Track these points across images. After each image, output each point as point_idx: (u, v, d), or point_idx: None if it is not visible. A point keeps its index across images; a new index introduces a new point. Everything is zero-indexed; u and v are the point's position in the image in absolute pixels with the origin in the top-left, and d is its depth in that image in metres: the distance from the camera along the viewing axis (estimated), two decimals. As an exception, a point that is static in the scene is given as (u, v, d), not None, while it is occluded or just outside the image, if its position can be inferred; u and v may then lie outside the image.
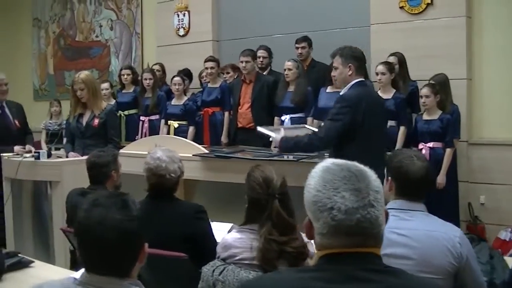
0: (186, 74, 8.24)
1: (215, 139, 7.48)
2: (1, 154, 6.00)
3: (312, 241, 2.82)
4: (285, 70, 6.80)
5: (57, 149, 7.36)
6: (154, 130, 7.95)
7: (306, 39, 7.39)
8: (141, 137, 7.75)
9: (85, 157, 5.48)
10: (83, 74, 5.89)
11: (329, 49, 7.24)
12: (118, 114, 7.55)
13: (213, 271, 2.79)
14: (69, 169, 5.42)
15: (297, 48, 7.37)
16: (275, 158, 5.57)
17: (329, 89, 6.56)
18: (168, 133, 7.66)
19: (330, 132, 4.45)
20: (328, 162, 1.79)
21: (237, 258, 2.80)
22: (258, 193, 2.82)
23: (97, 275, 1.86)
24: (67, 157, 5.85)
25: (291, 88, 6.77)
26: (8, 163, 5.78)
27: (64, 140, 7.34)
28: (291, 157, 5.44)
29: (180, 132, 7.55)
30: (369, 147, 4.26)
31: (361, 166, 1.78)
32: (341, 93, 4.65)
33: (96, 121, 5.79)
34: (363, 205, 1.66)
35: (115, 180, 4.19)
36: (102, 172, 4.14)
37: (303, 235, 2.85)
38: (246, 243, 2.80)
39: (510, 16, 6.79)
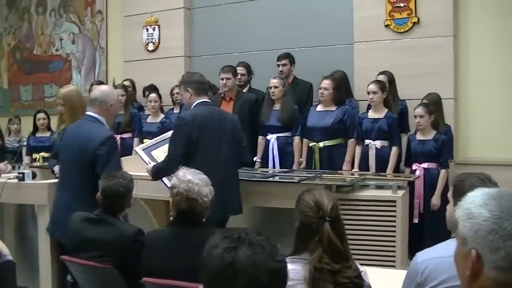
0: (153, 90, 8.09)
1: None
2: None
3: (364, 270, 2.78)
4: (270, 87, 6.70)
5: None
6: (127, 149, 7.74)
7: (287, 56, 7.32)
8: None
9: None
10: (65, 89, 5.62)
11: (312, 67, 7.35)
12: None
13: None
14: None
15: (279, 65, 7.30)
16: (274, 179, 5.48)
17: (319, 108, 6.56)
18: (144, 151, 7.48)
19: (173, 151, 4.91)
20: (492, 190, 1.71)
21: (291, 291, 2.67)
22: (309, 217, 2.72)
23: None
24: (52, 172, 5.56)
25: (277, 107, 6.68)
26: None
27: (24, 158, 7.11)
28: (295, 179, 5.35)
29: (157, 151, 7.36)
30: (210, 161, 4.67)
31: None
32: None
33: None
34: None
35: (128, 207, 4.04)
36: (119, 202, 3.94)
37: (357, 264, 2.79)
38: (300, 274, 2.68)
39: (496, 36, 6.92)
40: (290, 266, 2.72)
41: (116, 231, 3.78)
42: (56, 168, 5.51)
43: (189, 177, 3.44)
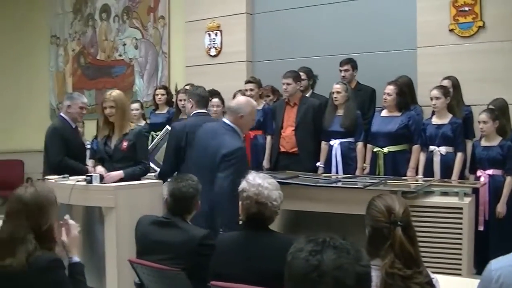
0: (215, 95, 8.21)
1: (256, 163, 7.44)
2: (47, 177, 5.98)
3: (435, 277, 2.82)
4: (333, 93, 6.79)
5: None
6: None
7: (350, 61, 7.39)
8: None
9: (139, 182, 5.55)
10: (115, 92, 5.79)
11: (375, 72, 7.37)
12: (150, 135, 7.55)
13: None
14: (124, 194, 5.34)
15: (341, 70, 7.37)
16: (337, 185, 5.52)
17: (383, 113, 6.61)
18: (207, 156, 7.64)
19: (165, 157, 5.87)
20: None
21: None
22: (380, 222, 2.76)
23: None
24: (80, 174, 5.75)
25: (340, 112, 6.75)
26: (58, 188, 5.65)
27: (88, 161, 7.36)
28: (359, 184, 5.40)
29: (221, 155, 7.50)
30: (197, 166, 4.99)
31: None
32: None
33: (125, 144, 5.66)
34: None
35: (197, 209, 4.13)
36: (187, 204, 4.04)
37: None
38: (374, 282, 2.72)
39: None
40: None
41: (185, 234, 3.87)
42: (98, 168, 5.64)
43: (259, 181, 3.48)
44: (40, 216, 3.03)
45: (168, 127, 6.20)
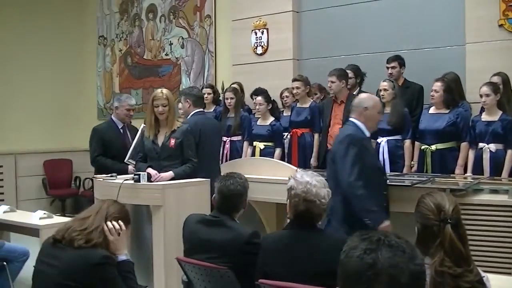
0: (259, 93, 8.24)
1: (304, 161, 7.49)
2: (96, 176, 6.10)
3: (486, 276, 2.82)
4: (380, 90, 6.79)
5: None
6: (235, 151, 7.99)
7: (397, 58, 7.36)
8: (222, 158, 7.80)
9: (187, 181, 5.62)
10: (166, 90, 5.90)
11: (422, 69, 7.33)
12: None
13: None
14: (171, 193, 5.41)
15: (388, 67, 7.35)
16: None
17: (431, 110, 6.57)
18: (253, 154, 7.72)
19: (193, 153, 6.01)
20: None
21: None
22: (430, 219, 2.78)
23: None
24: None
25: (387, 110, 6.73)
26: (106, 186, 5.79)
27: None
28: (407, 182, 5.41)
29: (266, 153, 7.61)
30: (209, 161, 6.18)
31: None
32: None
33: (173, 141, 5.76)
34: None
35: (244, 208, 4.15)
36: (235, 202, 4.07)
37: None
38: None
39: None
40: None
41: (232, 232, 3.89)
42: (150, 170, 5.69)
43: (307, 179, 3.49)
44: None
45: (143, 125, 6.27)
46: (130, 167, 6.30)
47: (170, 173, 5.63)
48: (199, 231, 4.05)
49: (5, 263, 5.51)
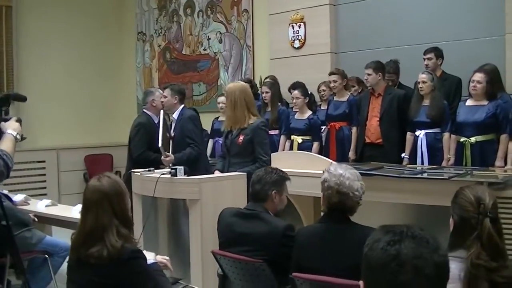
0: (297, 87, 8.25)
1: (342, 155, 7.51)
2: (134, 171, 6.18)
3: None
4: (419, 83, 6.77)
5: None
6: (273, 145, 8.01)
7: (433, 49, 7.29)
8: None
9: (224, 174, 5.67)
10: (231, 84, 5.91)
11: (460, 60, 7.27)
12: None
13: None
14: (208, 187, 5.40)
15: (424, 59, 7.30)
16: (422, 176, 5.52)
17: (469, 102, 6.50)
18: (291, 148, 7.75)
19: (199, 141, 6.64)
20: None
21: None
22: (469, 212, 2.79)
23: None
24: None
25: (426, 102, 6.72)
26: (143, 180, 5.88)
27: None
28: (445, 176, 5.39)
29: (304, 147, 7.63)
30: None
31: None
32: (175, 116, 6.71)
33: (241, 138, 5.62)
34: None
35: (276, 203, 4.18)
36: (264, 189, 4.15)
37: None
38: (454, 273, 2.63)
39: None
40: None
41: (267, 225, 3.96)
42: (216, 172, 5.81)
43: (340, 171, 3.54)
44: (120, 201, 3.23)
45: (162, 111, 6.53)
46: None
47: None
48: (234, 224, 4.13)
49: (47, 256, 5.65)
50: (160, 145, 6.04)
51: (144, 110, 7.36)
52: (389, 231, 1.77)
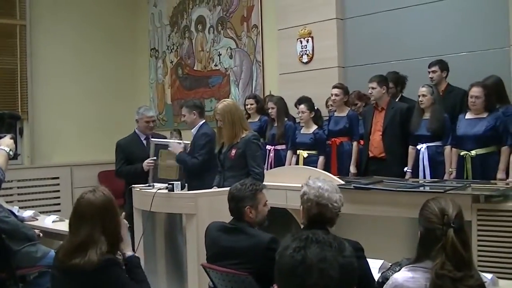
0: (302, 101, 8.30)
1: (343, 169, 7.57)
2: (134, 186, 6.30)
3: (489, 277, 2.88)
4: (419, 96, 6.81)
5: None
6: (279, 160, 8.12)
7: (438, 62, 7.32)
8: (267, 167, 7.91)
9: (219, 189, 5.76)
10: (221, 104, 5.96)
11: (466, 73, 7.29)
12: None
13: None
14: (205, 202, 5.51)
15: (429, 72, 7.34)
16: (419, 189, 5.57)
17: (468, 115, 6.52)
18: (297, 163, 7.82)
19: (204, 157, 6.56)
20: None
21: (411, 300, 2.79)
22: (433, 223, 2.85)
23: None
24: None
25: (427, 115, 6.76)
26: (142, 195, 6.01)
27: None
28: (441, 189, 5.43)
29: (310, 162, 7.69)
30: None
31: None
32: (194, 132, 6.89)
33: (233, 151, 5.77)
34: None
35: (252, 217, 4.21)
36: (237, 207, 4.22)
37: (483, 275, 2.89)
38: (420, 283, 2.80)
39: None
40: (410, 274, 2.90)
41: (252, 239, 4.04)
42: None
43: (319, 183, 3.63)
44: (111, 217, 3.39)
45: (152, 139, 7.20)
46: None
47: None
48: (219, 239, 4.22)
49: (50, 270, 5.76)
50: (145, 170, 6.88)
51: (135, 128, 7.58)
52: (296, 238, 1.90)
